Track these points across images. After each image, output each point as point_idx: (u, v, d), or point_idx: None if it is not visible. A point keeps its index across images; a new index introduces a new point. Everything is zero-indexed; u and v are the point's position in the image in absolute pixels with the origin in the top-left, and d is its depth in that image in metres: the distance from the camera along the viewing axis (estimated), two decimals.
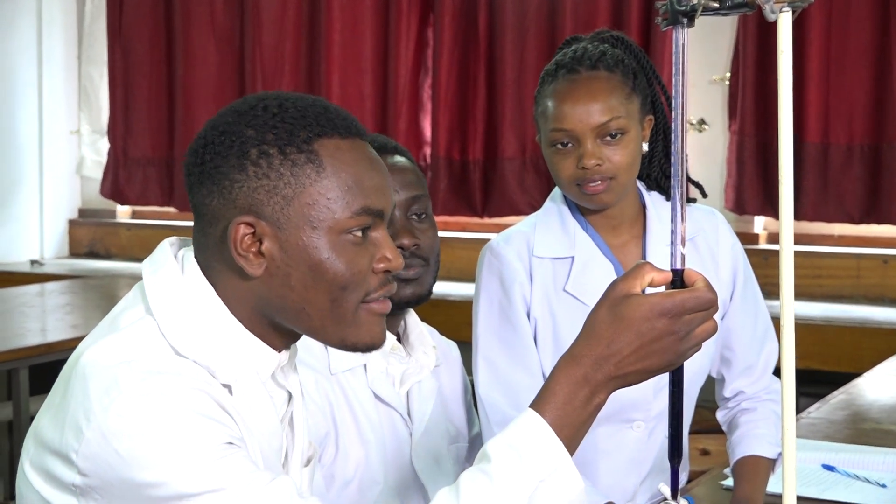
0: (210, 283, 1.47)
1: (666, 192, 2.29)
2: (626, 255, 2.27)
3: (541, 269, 2.26)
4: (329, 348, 2.09)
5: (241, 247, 1.44)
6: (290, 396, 1.57)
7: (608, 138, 2.16)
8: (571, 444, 1.40)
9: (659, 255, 2.19)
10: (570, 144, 2.18)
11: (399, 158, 2.16)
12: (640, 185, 2.30)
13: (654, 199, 2.31)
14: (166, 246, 1.52)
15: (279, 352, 1.51)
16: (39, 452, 1.42)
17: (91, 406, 1.36)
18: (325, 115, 1.47)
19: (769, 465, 2.25)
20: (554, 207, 2.31)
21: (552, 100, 2.20)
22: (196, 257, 1.50)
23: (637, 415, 2.25)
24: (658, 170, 2.31)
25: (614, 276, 2.17)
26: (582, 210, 2.28)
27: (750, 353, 2.32)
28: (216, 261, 1.47)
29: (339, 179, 1.45)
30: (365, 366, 2.11)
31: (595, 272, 2.23)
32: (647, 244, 2.26)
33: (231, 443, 1.38)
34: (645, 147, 2.23)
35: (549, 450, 1.37)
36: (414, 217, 2.14)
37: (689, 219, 2.20)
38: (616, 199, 2.21)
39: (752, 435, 2.28)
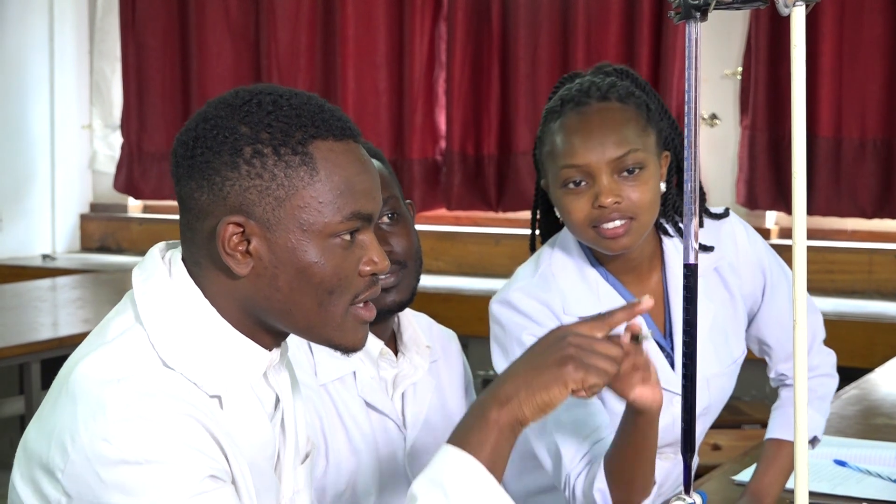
0: (197, 281, 1.46)
1: (678, 230, 2.16)
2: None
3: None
4: (315, 357, 2.05)
5: (229, 246, 1.42)
6: (278, 399, 1.56)
7: (625, 174, 1.98)
8: (494, 467, 1.42)
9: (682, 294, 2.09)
10: (583, 182, 1.99)
11: None
12: None
13: (665, 237, 2.16)
14: (156, 252, 1.51)
15: (270, 350, 1.50)
16: (29, 465, 1.42)
17: (77, 428, 1.36)
18: (321, 115, 1.46)
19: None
20: (567, 258, 2.13)
21: (560, 135, 2.02)
22: (183, 253, 1.48)
23: (668, 448, 2.21)
24: (671, 208, 2.15)
25: (645, 329, 2.14)
26: (599, 257, 2.12)
27: (790, 342, 2.22)
28: (202, 257, 1.46)
29: (332, 183, 1.44)
30: (354, 373, 2.07)
31: (624, 325, 2.13)
32: (668, 284, 2.14)
33: (215, 475, 1.37)
34: (662, 186, 2.06)
35: (472, 478, 1.40)
36: (383, 220, 2.04)
37: (709, 241, 2.15)
38: (636, 242, 2.02)
39: (786, 415, 2.24)
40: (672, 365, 2.14)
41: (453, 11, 5.47)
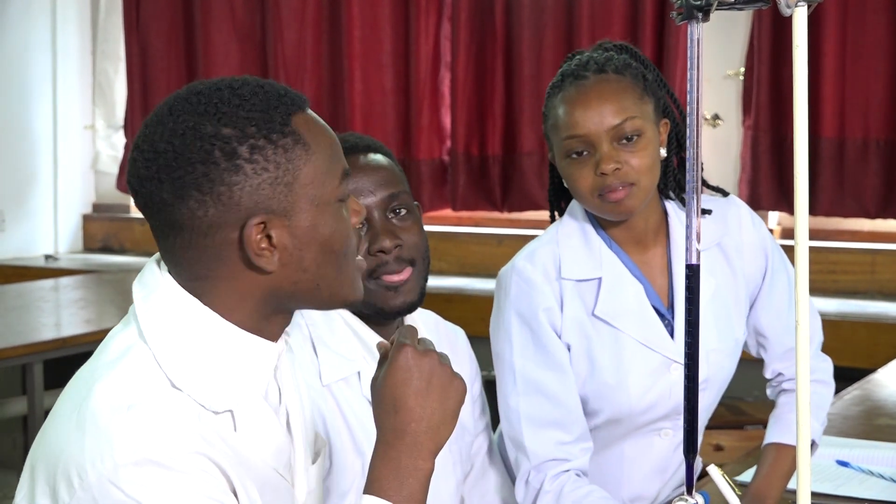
0: (204, 294, 1.43)
1: (682, 200, 2.23)
2: (652, 270, 2.21)
3: (569, 292, 2.17)
4: (320, 359, 2.04)
5: (257, 247, 1.41)
6: (281, 393, 1.55)
7: (624, 141, 2.07)
8: None
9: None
10: (585, 152, 2.09)
11: (372, 157, 2.07)
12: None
13: (673, 207, 2.23)
14: (153, 266, 1.47)
15: (276, 341, 1.49)
16: (32, 487, 1.40)
17: (85, 464, 1.35)
18: (277, 92, 1.45)
19: (795, 452, 2.22)
20: (575, 224, 2.21)
21: (561, 108, 2.11)
22: (175, 275, 1.44)
23: (666, 423, 2.23)
24: (672, 179, 2.23)
25: (643, 298, 2.17)
26: (605, 225, 2.19)
27: (788, 336, 2.27)
28: (211, 269, 1.42)
29: (322, 152, 1.45)
30: (359, 373, 2.06)
31: (624, 293, 2.17)
32: (672, 256, 2.20)
33: None
34: (663, 152, 2.14)
35: None
36: (394, 215, 2.04)
37: (714, 218, 2.22)
38: (639, 206, 2.11)
39: (783, 420, 2.26)
40: (671, 334, 2.18)
41: (457, 12, 5.46)
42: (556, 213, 2.31)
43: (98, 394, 1.39)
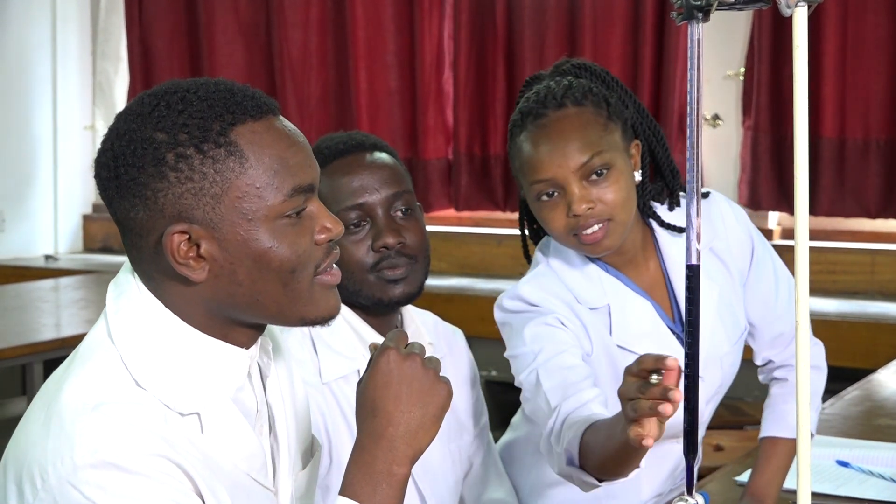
0: (156, 295, 1.43)
1: (671, 204, 2.18)
2: (650, 286, 2.16)
3: (589, 319, 2.10)
4: (320, 356, 2.06)
5: (179, 255, 1.39)
6: (268, 405, 1.54)
7: (594, 177, 1.99)
8: None
9: (683, 275, 2.09)
10: (555, 194, 2.00)
11: (378, 155, 2.10)
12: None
13: (654, 223, 2.17)
14: (128, 267, 1.48)
15: (247, 349, 1.47)
16: (5, 479, 1.41)
17: (46, 466, 1.35)
18: (233, 99, 1.41)
19: (792, 446, 2.20)
20: (564, 257, 2.13)
21: (525, 151, 2.03)
22: (138, 273, 1.45)
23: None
24: (648, 194, 2.15)
25: (654, 316, 2.13)
26: None
27: (775, 323, 2.25)
28: (154, 272, 1.43)
29: (264, 165, 1.40)
30: (358, 371, 2.06)
31: (635, 316, 2.12)
32: (667, 270, 2.15)
33: None
34: (638, 176, 2.07)
35: None
36: (398, 214, 2.08)
37: (704, 224, 2.18)
38: (619, 241, 2.05)
39: (777, 412, 2.25)
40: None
41: (458, 12, 5.46)
42: (530, 249, 2.24)
43: (65, 393, 1.39)
